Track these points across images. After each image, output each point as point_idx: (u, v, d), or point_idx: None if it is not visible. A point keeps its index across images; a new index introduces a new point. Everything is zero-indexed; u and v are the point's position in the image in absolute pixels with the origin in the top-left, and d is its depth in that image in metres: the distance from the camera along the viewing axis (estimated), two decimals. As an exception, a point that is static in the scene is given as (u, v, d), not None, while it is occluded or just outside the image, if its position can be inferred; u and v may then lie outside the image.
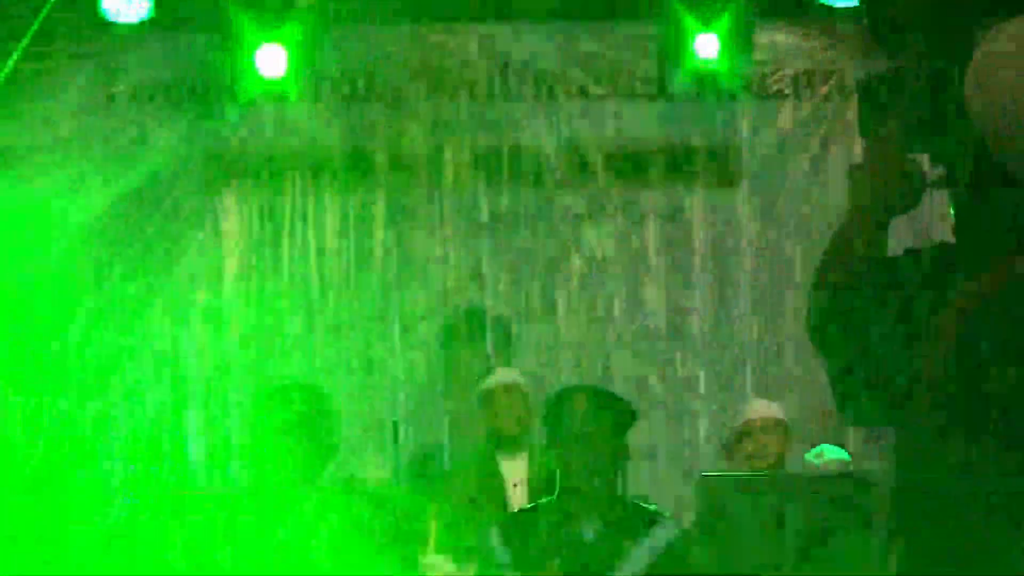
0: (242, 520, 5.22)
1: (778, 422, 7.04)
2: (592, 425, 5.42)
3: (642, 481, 7.63)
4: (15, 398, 7.54)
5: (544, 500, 5.65)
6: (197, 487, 7.76)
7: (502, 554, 5.42)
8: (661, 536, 5.43)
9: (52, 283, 7.97)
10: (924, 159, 2.43)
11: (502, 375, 7.08)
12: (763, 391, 8.02)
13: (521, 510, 5.85)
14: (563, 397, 5.65)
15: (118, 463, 7.82)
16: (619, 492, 5.56)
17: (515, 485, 6.76)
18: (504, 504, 6.61)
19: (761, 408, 7.14)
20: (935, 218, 7.85)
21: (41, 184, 8.00)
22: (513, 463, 6.81)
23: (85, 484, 7.51)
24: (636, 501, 5.66)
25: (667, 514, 5.60)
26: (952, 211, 2.40)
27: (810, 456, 7.04)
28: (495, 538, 5.46)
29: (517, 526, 5.53)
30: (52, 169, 8.04)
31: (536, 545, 5.40)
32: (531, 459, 6.80)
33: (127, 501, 6.94)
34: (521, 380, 7.02)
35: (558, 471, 5.49)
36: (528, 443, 6.87)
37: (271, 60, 7.88)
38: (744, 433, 7.06)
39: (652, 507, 5.64)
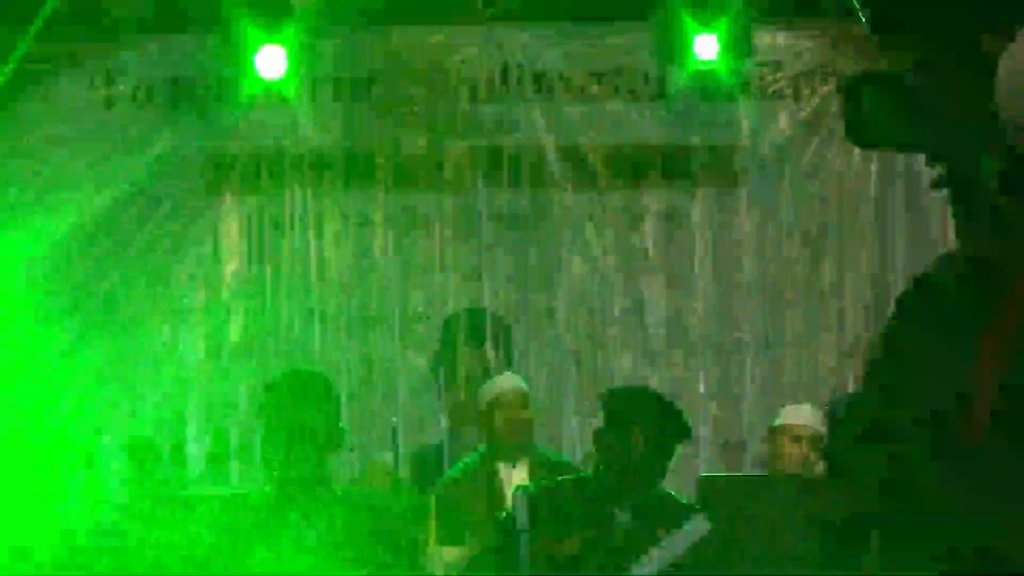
0: (241, 521, 5.21)
1: (816, 432, 6.99)
2: (650, 433, 5.49)
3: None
4: (15, 398, 7.54)
5: (578, 475, 5.66)
6: (197, 487, 7.76)
7: (522, 519, 5.40)
8: (695, 529, 5.44)
9: (52, 283, 7.97)
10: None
11: (504, 381, 7.03)
12: (763, 391, 8.02)
13: (555, 481, 5.85)
14: (632, 397, 5.75)
15: (118, 463, 7.82)
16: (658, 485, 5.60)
17: (516, 493, 6.74)
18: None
19: (804, 415, 7.09)
20: (935, 218, 7.87)
21: (41, 184, 8.00)
22: (513, 471, 6.78)
23: (85, 484, 7.51)
24: (671, 493, 5.68)
25: (700, 508, 5.61)
26: (952, 211, 2.38)
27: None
28: (520, 502, 5.44)
29: (547, 496, 5.53)
30: (52, 169, 8.04)
31: (562, 518, 5.41)
32: (532, 467, 6.76)
33: (123, 501, 6.94)
34: (524, 387, 6.98)
35: (603, 455, 5.52)
36: (530, 450, 6.83)
37: (271, 61, 7.88)
38: (778, 433, 7.04)
39: (686, 500, 5.67)
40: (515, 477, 6.74)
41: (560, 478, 5.90)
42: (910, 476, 2.22)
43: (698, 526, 5.45)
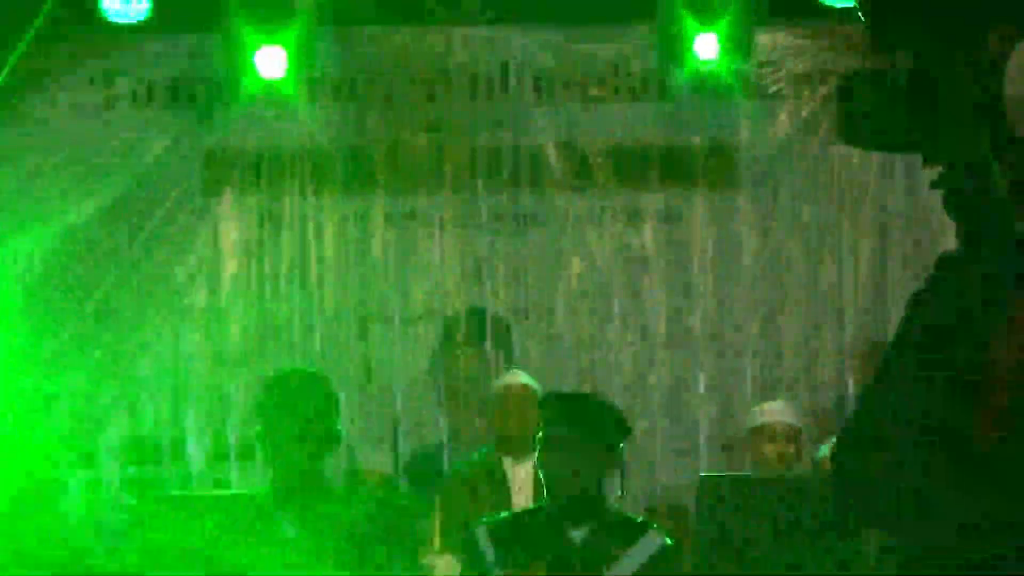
0: (241, 521, 5.22)
1: (791, 428, 7.00)
2: (573, 432, 5.39)
3: (642, 481, 7.63)
4: (15, 397, 7.54)
5: (534, 505, 5.68)
6: (197, 487, 7.76)
7: (489, 554, 5.42)
8: (649, 545, 5.44)
9: (52, 283, 7.97)
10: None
11: (512, 377, 7.07)
12: (763, 391, 8.02)
13: (512, 513, 5.85)
14: (548, 402, 5.65)
15: (118, 463, 7.82)
16: (608, 501, 5.55)
17: (520, 488, 6.75)
18: (509, 507, 6.60)
19: (775, 412, 7.10)
20: (935, 218, 7.87)
21: (40, 184, 8.00)
22: (519, 466, 6.80)
23: (85, 484, 7.51)
24: (625, 512, 5.68)
25: (655, 525, 5.62)
26: (950, 211, 2.37)
27: (819, 453, 7.03)
28: (482, 538, 5.46)
29: (505, 527, 5.54)
30: (52, 169, 8.04)
31: (523, 546, 5.41)
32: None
33: (123, 501, 6.95)
34: (531, 383, 7.01)
35: (543, 476, 5.49)
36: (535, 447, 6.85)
37: (270, 61, 7.89)
38: (754, 435, 7.05)
39: (640, 518, 5.69)
40: (521, 472, 6.77)
41: (518, 509, 5.90)
42: (916, 480, 2.21)
43: (652, 542, 5.45)
